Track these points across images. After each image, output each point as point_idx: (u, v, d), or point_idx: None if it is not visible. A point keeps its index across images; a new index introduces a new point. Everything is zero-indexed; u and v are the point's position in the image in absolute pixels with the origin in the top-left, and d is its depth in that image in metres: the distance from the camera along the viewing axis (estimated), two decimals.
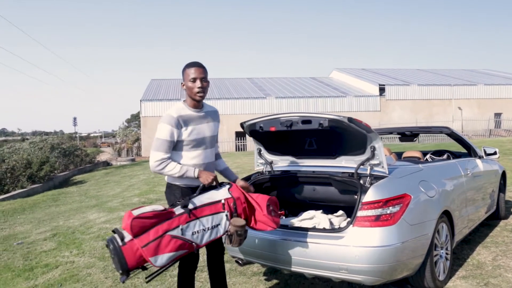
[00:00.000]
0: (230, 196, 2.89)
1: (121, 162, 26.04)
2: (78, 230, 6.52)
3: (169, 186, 3.11)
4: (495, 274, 3.92)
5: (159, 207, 2.69)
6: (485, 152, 5.42)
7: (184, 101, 3.07)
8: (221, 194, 2.90)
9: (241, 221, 2.84)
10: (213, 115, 3.16)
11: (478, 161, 5.14)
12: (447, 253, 3.82)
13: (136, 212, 2.59)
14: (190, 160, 2.99)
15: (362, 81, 38.49)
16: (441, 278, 3.65)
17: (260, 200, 3.00)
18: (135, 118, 72.14)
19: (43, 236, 6.30)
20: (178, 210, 2.73)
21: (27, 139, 26.37)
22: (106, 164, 26.10)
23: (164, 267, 2.71)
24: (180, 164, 2.94)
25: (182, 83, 3.02)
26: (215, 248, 3.19)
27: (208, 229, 2.76)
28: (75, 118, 73.51)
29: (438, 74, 42.40)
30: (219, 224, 2.80)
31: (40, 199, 11.09)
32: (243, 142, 32.32)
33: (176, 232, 2.64)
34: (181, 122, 2.92)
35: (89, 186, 13.73)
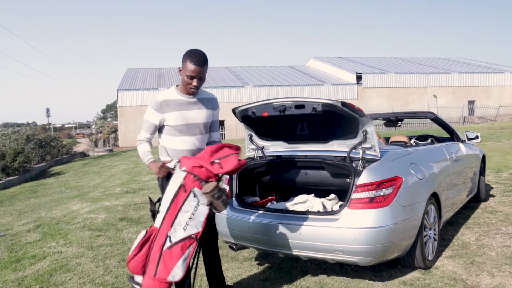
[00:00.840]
0: (185, 172, 2.73)
1: (99, 152, 25.59)
2: (62, 220, 6.41)
3: None
4: (480, 253, 4.06)
5: (142, 233, 2.69)
6: (467, 136, 5.56)
7: (177, 86, 3.04)
8: (178, 177, 2.75)
9: (209, 186, 2.65)
10: (208, 102, 3.12)
11: (461, 145, 5.27)
12: (435, 234, 3.93)
13: (130, 252, 2.66)
14: (180, 145, 2.99)
15: (339, 69, 38.76)
16: (430, 258, 3.76)
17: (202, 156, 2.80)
18: (111, 108, 70.99)
19: (26, 227, 6.17)
20: (157, 222, 2.71)
21: None
22: (83, 155, 25.64)
23: (191, 267, 2.80)
24: (146, 148, 3.01)
25: (179, 68, 2.95)
26: (208, 234, 3.16)
27: (193, 215, 2.68)
28: (48, 109, 71.73)
29: (414, 63, 43.06)
30: (198, 202, 2.69)
31: (18, 191, 10.87)
32: (221, 131, 32.24)
33: (169, 242, 2.64)
34: (165, 107, 2.94)
35: (68, 177, 13.50)
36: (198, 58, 2.85)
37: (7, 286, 3.91)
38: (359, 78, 36.19)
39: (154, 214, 2.78)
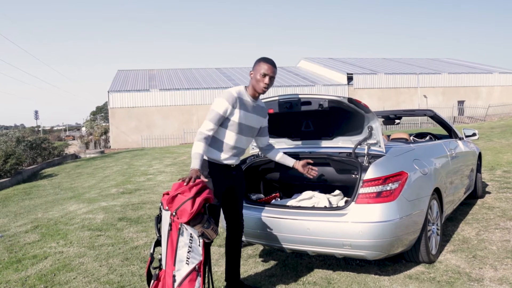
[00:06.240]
0: (169, 213, 2.74)
1: (90, 154, 25.36)
2: (60, 221, 6.36)
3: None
4: (481, 247, 4.12)
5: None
6: (464, 134, 5.64)
7: (245, 87, 3.18)
8: (165, 217, 2.78)
9: (197, 219, 2.68)
10: (262, 110, 3.29)
11: (459, 142, 5.35)
12: (437, 229, 3.98)
13: None
14: (231, 141, 3.09)
15: (330, 70, 38.93)
16: (434, 252, 3.80)
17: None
18: (101, 111, 70.52)
19: (23, 228, 6.11)
20: (163, 263, 2.82)
21: None
22: (75, 157, 25.43)
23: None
24: (206, 146, 2.95)
25: (251, 72, 3.13)
26: (234, 231, 3.34)
27: (190, 248, 2.74)
28: (36, 111, 71.02)
29: (404, 63, 43.41)
30: (191, 235, 2.73)
31: (11, 193, 10.73)
32: None
33: (176, 281, 2.73)
34: (238, 103, 3.03)
35: (61, 179, 13.37)
36: (270, 60, 3.10)
37: (11, 285, 3.87)
38: (350, 78, 36.37)
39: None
